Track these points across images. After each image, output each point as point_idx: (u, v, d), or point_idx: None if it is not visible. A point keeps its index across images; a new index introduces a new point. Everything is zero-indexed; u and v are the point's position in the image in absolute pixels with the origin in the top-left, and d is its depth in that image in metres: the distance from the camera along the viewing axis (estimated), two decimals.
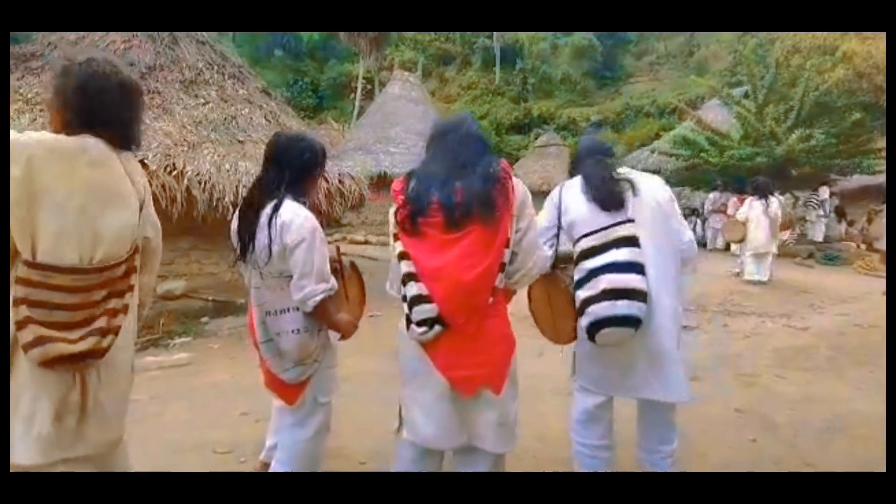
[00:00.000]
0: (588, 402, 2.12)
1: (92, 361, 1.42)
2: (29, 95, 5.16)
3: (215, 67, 6.36)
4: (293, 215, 1.80)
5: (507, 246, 1.58)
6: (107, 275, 1.46)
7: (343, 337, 2.04)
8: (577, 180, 2.10)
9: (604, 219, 1.96)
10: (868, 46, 10.49)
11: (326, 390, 2.06)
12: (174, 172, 4.96)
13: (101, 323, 1.43)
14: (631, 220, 1.95)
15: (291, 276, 1.82)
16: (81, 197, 1.38)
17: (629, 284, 1.86)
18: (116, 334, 1.46)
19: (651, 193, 2.04)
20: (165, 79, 5.85)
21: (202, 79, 6.14)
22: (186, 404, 3.32)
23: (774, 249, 7.62)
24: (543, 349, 4.21)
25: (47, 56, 5.60)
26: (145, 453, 2.65)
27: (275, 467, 2.05)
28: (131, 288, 1.52)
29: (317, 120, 23.87)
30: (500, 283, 1.62)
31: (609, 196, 1.98)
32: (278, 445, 2.09)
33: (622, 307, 1.85)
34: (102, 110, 1.42)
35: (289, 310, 1.86)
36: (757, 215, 7.58)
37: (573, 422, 2.18)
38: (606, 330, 1.88)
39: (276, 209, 1.81)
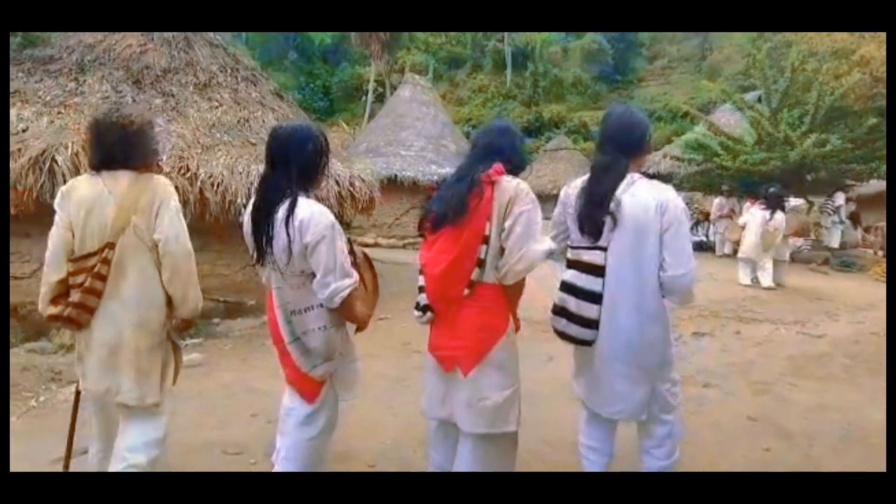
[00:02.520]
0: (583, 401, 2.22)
1: (66, 325, 2.06)
2: (47, 98, 5.24)
3: (229, 70, 6.43)
4: (310, 213, 1.80)
5: (483, 243, 1.78)
6: (83, 263, 1.98)
7: (359, 329, 2.05)
8: (579, 182, 2.09)
9: (581, 238, 2.01)
10: (885, 51, 10.33)
11: (350, 385, 2.07)
12: (188, 174, 5.01)
13: (73, 298, 1.97)
14: (603, 248, 1.94)
15: (313, 275, 1.83)
16: (75, 211, 1.97)
17: (576, 310, 1.99)
18: (82, 309, 1.97)
19: (635, 220, 1.89)
20: (180, 82, 5.93)
21: (216, 82, 6.20)
22: (197, 405, 3.34)
23: (766, 263, 7.52)
24: (553, 354, 4.20)
25: (65, 59, 5.70)
26: None
27: (280, 466, 2.04)
28: (100, 276, 1.97)
29: (328, 122, 24.03)
30: (482, 277, 1.81)
31: (587, 223, 1.98)
32: (282, 444, 2.08)
33: (562, 325, 2.05)
34: (96, 141, 2.04)
35: (313, 307, 1.88)
36: (754, 223, 7.53)
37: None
38: (557, 336, 2.12)
39: (291, 208, 1.80)
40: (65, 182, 4.50)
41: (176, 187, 5.06)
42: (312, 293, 1.86)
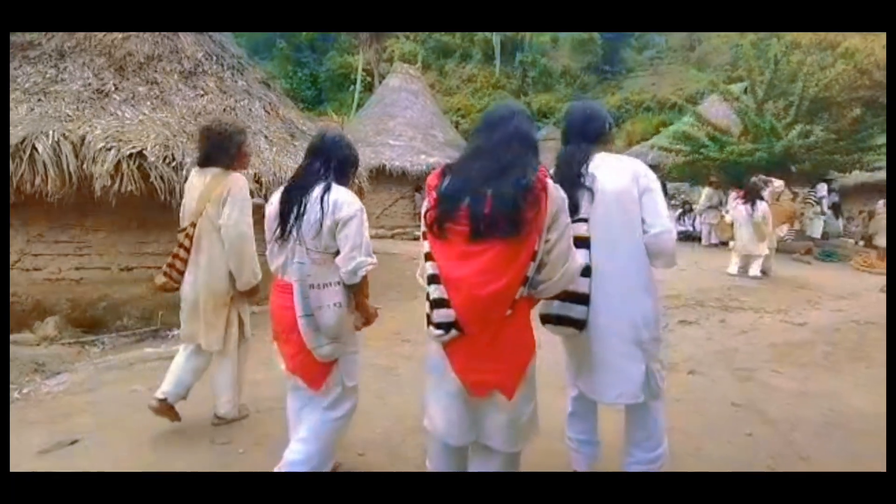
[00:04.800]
0: (573, 396, 2.19)
1: (167, 279, 2.77)
2: (27, 85, 5.12)
3: (214, 58, 6.31)
4: (344, 195, 2.02)
5: (532, 260, 1.55)
6: (179, 236, 2.72)
7: (366, 322, 2.19)
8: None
9: None
10: (869, 43, 10.45)
11: (353, 374, 2.18)
12: (173, 164, 4.93)
13: (168, 262, 2.75)
14: (584, 220, 1.91)
15: (336, 253, 2.00)
16: (185, 196, 2.78)
17: (572, 287, 1.85)
18: (171, 269, 2.73)
19: (613, 188, 1.91)
20: (164, 69, 5.81)
21: (201, 69, 6.09)
22: None
23: (762, 251, 7.62)
24: (540, 342, 4.23)
25: (44, 45, 5.55)
26: (144, 443, 2.66)
27: (296, 449, 2.08)
28: (182, 246, 2.70)
29: (316, 112, 23.77)
30: (522, 293, 1.59)
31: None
32: (303, 426, 2.13)
33: (555, 308, 1.93)
34: (198, 145, 2.83)
35: (331, 284, 2.02)
36: (741, 218, 7.63)
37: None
38: (547, 325, 2.00)
39: (327, 188, 2.01)
40: (45, 170, 4.45)
41: (161, 177, 5.01)
42: (333, 271, 2.01)
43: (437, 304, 1.59)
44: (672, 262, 1.98)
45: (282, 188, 2.14)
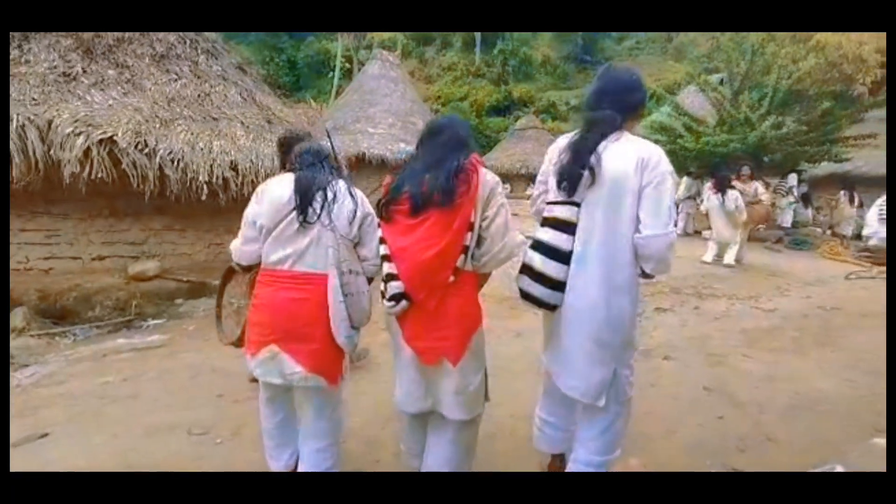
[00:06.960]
0: (543, 371, 2.13)
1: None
2: None
3: (188, 41, 6.14)
4: (361, 194, 2.10)
5: (469, 230, 1.75)
6: None
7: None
8: (564, 139, 1.95)
9: (555, 194, 1.89)
10: (839, 37, 10.71)
11: (346, 366, 2.20)
12: (146, 150, 4.81)
13: None
14: (575, 204, 1.81)
15: (357, 243, 2.05)
16: None
17: (540, 268, 1.84)
18: None
19: (611, 175, 1.75)
20: (135, 52, 5.63)
21: (174, 53, 5.92)
22: (161, 385, 3.28)
23: (735, 239, 7.81)
24: (520, 331, 4.28)
25: None
26: (118, 435, 2.62)
27: (325, 456, 2.07)
28: None
29: (294, 98, 23.32)
30: (465, 264, 1.78)
31: (565, 176, 1.83)
32: (315, 437, 2.08)
33: (525, 284, 1.89)
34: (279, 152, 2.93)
35: (359, 273, 2.05)
36: (713, 208, 7.82)
37: None
38: (521, 299, 1.95)
39: (350, 184, 2.08)
40: (10, 155, 4.29)
41: (133, 163, 4.88)
42: (357, 260, 2.05)
43: (388, 278, 1.81)
44: (664, 268, 1.79)
45: (288, 176, 2.03)
